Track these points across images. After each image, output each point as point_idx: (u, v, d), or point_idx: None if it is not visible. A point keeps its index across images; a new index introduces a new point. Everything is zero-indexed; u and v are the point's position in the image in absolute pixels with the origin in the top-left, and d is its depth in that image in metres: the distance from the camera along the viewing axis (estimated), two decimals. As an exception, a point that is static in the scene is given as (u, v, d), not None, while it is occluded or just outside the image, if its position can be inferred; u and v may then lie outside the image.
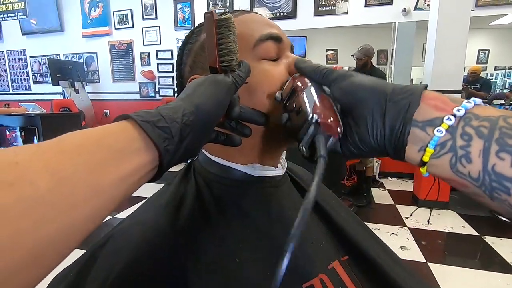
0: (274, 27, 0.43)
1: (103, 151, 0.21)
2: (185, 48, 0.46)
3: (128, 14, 4.45)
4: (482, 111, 0.24)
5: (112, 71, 4.73)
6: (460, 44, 2.62)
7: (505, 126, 0.22)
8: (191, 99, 0.29)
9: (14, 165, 0.17)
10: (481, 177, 0.22)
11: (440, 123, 0.24)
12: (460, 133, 0.23)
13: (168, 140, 0.25)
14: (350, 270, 0.42)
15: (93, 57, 4.80)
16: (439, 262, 1.92)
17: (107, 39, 4.65)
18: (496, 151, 0.22)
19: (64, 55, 4.95)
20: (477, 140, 0.23)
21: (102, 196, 0.21)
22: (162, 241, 0.34)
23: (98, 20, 4.60)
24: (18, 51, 5.23)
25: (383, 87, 0.28)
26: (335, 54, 5.55)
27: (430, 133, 0.24)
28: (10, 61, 5.35)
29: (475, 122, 0.23)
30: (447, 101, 0.25)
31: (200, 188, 0.41)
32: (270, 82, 0.40)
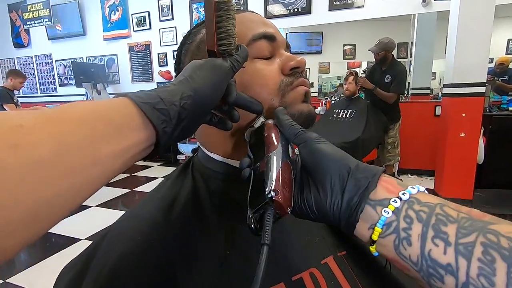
0: (268, 26, 0.44)
1: (103, 125, 0.23)
2: (183, 48, 0.47)
3: (145, 16, 4.57)
4: (424, 197, 0.25)
5: (132, 72, 4.88)
6: (484, 34, 2.49)
7: (441, 213, 0.24)
8: (190, 83, 0.30)
9: (19, 127, 0.18)
10: (419, 261, 0.23)
11: (388, 204, 0.26)
12: (403, 215, 0.25)
13: (166, 122, 0.27)
14: (346, 266, 0.42)
15: (114, 59, 4.97)
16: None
17: (126, 41, 4.79)
18: (432, 237, 0.23)
19: (87, 58, 5.16)
20: (416, 223, 0.24)
21: (99, 167, 0.22)
22: (154, 233, 0.36)
23: (118, 23, 4.75)
24: (45, 55, 5.51)
25: (347, 162, 0.29)
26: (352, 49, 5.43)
27: (379, 212, 0.26)
28: (37, 65, 5.65)
29: (416, 206, 0.25)
30: (395, 185, 0.27)
31: (196, 183, 0.42)
32: (263, 81, 0.40)
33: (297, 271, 0.37)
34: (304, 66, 0.43)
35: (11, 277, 1.90)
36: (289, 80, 0.42)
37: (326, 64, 5.58)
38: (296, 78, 0.42)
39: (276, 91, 0.41)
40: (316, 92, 5.02)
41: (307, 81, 0.44)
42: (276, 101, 0.41)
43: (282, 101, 0.41)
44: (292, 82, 0.42)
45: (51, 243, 2.36)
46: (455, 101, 2.67)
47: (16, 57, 5.79)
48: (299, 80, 0.42)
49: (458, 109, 2.66)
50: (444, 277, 0.22)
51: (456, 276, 0.21)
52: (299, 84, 0.42)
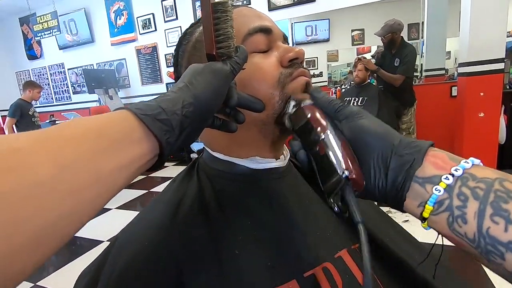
0: (264, 19, 0.43)
1: (104, 140, 0.22)
2: (179, 49, 0.47)
3: (150, 18, 4.60)
4: (480, 172, 0.24)
5: (141, 75, 4.95)
6: (500, 7, 2.36)
7: (500, 190, 0.22)
8: (190, 89, 0.29)
9: (16, 151, 0.18)
10: (476, 238, 0.23)
11: (439, 181, 0.25)
12: (456, 193, 0.24)
13: (169, 133, 0.26)
14: (360, 258, 0.41)
15: (123, 64, 5.05)
16: None
17: (134, 45, 4.85)
18: (491, 214, 0.22)
19: (97, 64, 5.26)
20: (472, 201, 0.23)
21: (102, 183, 0.21)
22: (161, 236, 0.36)
23: (124, 28, 4.81)
24: (57, 65, 5.67)
25: (391, 138, 0.29)
26: (361, 34, 5.28)
27: (428, 191, 0.25)
28: (51, 75, 5.82)
29: (471, 183, 0.24)
30: (446, 160, 0.26)
31: (202, 184, 0.42)
32: (261, 76, 0.40)
33: (309, 267, 0.36)
34: (303, 56, 0.42)
35: (41, 280, 2.00)
36: (288, 72, 0.41)
37: (334, 52, 5.47)
38: (295, 69, 0.41)
39: (275, 84, 0.40)
40: (326, 81, 4.93)
41: (307, 71, 0.43)
42: (276, 94, 0.40)
43: (282, 93, 0.40)
44: (291, 73, 0.41)
45: (76, 246, 2.46)
46: (472, 80, 2.56)
47: (30, 69, 5.98)
48: (298, 71, 0.41)
49: (475, 88, 2.55)
50: (505, 254, 0.21)
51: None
52: (298, 74, 0.41)
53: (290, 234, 0.39)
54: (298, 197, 0.44)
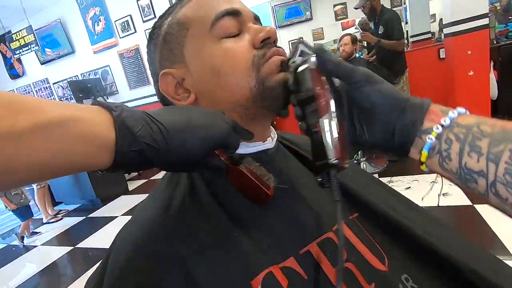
0: (231, 2, 0.42)
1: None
2: (151, 44, 0.46)
3: (128, 20, 4.50)
4: (464, 120, 0.29)
5: (127, 80, 4.88)
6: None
7: (476, 131, 0.28)
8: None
9: None
10: (458, 172, 0.29)
11: (431, 131, 0.30)
12: (444, 139, 0.29)
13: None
14: (360, 227, 0.42)
15: (107, 71, 4.97)
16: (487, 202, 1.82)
17: (116, 50, 4.76)
18: (468, 152, 0.28)
19: (82, 75, 5.18)
20: (455, 143, 0.29)
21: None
22: (157, 232, 0.36)
23: (103, 34, 4.71)
24: (42, 80, 5.57)
25: (399, 101, 0.32)
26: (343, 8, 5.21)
27: (424, 140, 0.30)
28: (37, 92, 5.73)
29: (456, 129, 0.29)
30: (438, 113, 0.31)
31: (192, 176, 0.42)
32: (234, 62, 0.39)
33: (306, 242, 0.37)
34: (275, 35, 0.42)
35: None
36: (261, 53, 0.40)
37: (319, 30, 5.39)
38: (268, 49, 0.41)
39: (250, 68, 0.39)
40: (313, 61, 4.88)
41: (282, 49, 0.42)
42: (252, 77, 0.39)
43: (258, 76, 0.39)
44: (264, 54, 0.40)
45: (89, 257, 2.49)
46: (458, 39, 2.54)
47: (15, 88, 5.88)
48: (271, 50, 0.41)
49: (462, 47, 2.53)
50: (477, 180, 0.27)
51: (486, 178, 0.26)
52: (272, 54, 0.41)
53: (284, 214, 0.39)
54: (289, 177, 0.44)
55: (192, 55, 0.41)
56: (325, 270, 0.35)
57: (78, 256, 2.58)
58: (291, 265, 0.34)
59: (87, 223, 3.25)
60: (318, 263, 0.35)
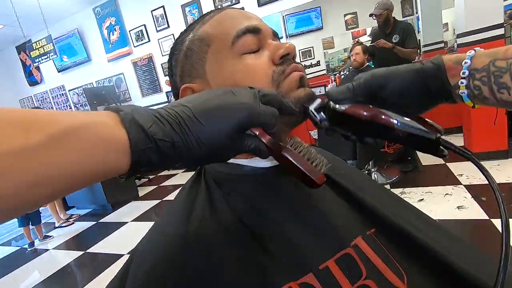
0: (251, 19, 0.43)
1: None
2: (172, 59, 0.47)
3: (142, 29, 4.63)
4: (478, 62, 0.34)
5: (140, 87, 4.99)
6: (493, -29, 2.29)
7: (495, 71, 0.33)
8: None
9: None
10: (499, 103, 0.35)
11: (458, 86, 0.35)
12: (473, 87, 0.35)
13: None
14: (377, 243, 0.41)
15: (121, 78, 5.10)
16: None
17: (129, 58, 4.89)
18: (497, 90, 0.34)
19: (96, 82, 5.33)
20: (483, 87, 0.34)
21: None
22: (176, 246, 0.36)
23: (118, 42, 4.85)
24: (58, 87, 5.76)
25: (420, 75, 0.37)
26: (354, 17, 5.20)
27: (459, 94, 0.36)
28: (53, 98, 5.91)
29: (477, 75, 0.34)
30: (456, 67, 0.36)
31: (210, 189, 0.43)
32: (254, 77, 0.40)
33: (326, 258, 0.36)
34: (294, 51, 0.42)
35: (69, 299, 2.05)
36: (281, 69, 0.41)
37: (329, 39, 5.40)
38: (287, 65, 0.41)
39: (270, 84, 0.40)
40: (324, 70, 4.89)
41: (301, 65, 0.43)
42: None
43: (278, 91, 0.40)
44: (284, 70, 0.41)
45: (98, 262, 2.51)
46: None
47: (33, 95, 6.09)
48: (291, 67, 0.41)
49: (477, 57, 2.49)
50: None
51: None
52: (291, 70, 0.41)
53: (302, 229, 0.39)
54: (306, 190, 0.44)
55: (213, 71, 0.42)
56: (343, 287, 0.34)
57: (88, 261, 2.61)
58: (310, 281, 0.34)
59: (97, 228, 3.29)
60: (337, 280, 0.35)
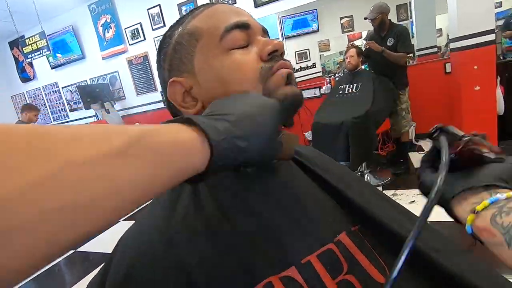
0: (241, 15, 0.43)
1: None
2: (161, 53, 0.47)
3: (138, 28, 4.60)
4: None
5: (135, 86, 4.95)
6: (485, -22, 2.34)
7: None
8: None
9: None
10: (509, 228, 0.32)
11: (501, 193, 0.35)
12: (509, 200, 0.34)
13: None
14: (361, 239, 0.41)
15: (116, 76, 5.05)
16: None
17: (124, 56, 4.85)
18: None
19: (90, 80, 5.27)
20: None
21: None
22: (160, 239, 0.36)
23: (113, 40, 4.81)
24: (51, 84, 5.68)
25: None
26: (350, 20, 5.25)
27: (487, 196, 0.36)
28: (46, 95, 5.83)
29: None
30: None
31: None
32: (241, 72, 0.40)
33: (309, 253, 0.37)
34: (282, 48, 0.42)
35: (58, 298, 2.02)
36: (268, 66, 0.41)
37: (325, 42, 5.43)
38: (275, 62, 0.41)
39: (256, 80, 0.40)
40: (320, 72, 4.92)
41: (289, 62, 0.43)
42: (259, 90, 0.40)
43: (265, 87, 0.40)
44: (271, 66, 0.41)
45: (89, 261, 2.48)
46: (464, 54, 2.55)
47: (25, 91, 6.00)
48: (278, 63, 0.41)
49: (469, 62, 2.53)
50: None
51: None
52: (279, 67, 0.41)
53: (286, 223, 0.39)
54: (294, 185, 0.44)
55: (201, 65, 0.42)
56: (324, 281, 0.35)
57: (78, 260, 2.58)
58: (292, 275, 0.34)
59: (88, 227, 3.25)
60: (319, 275, 0.35)
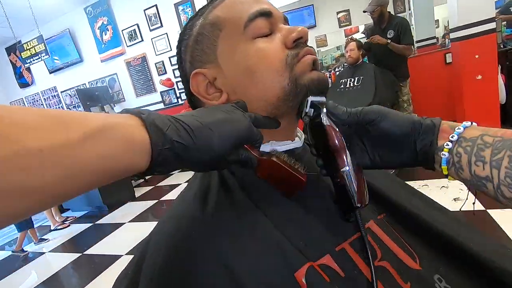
0: (262, 3, 0.42)
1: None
2: (181, 45, 0.46)
3: (135, 29, 4.59)
4: (469, 133, 0.33)
5: (134, 88, 4.94)
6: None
7: (480, 143, 0.32)
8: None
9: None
10: (470, 179, 0.33)
11: (443, 148, 0.34)
12: (455, 153, 0.33)
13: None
14: (388, 227, 0.41)
15: (114, 78, 5.04)
16: (500, 207, 1.79)
17: (123, 58, 4.84)
18: (475, 161, 0.32)
19: (89, 83, 5.26)
20: (464, 156, 0.33)
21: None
22: (194, 229, 0.36)
23: (111, 42, 4.80)
24: (50, 89, 5.67)
25: (414, 126, 0.36)
26: (347, 15, 5.24)
27: (441, 156, 0.34)
28: (45, 100, 5.82)
29: (463, 143, 0.33)
30: (448, 130, 0.34)
31: (223, 175, 0.42)
32: (268, 60, 0.40)
33: (340, 241, 0.37)
34: (307, 35, 0.42)
35: (67, 302, 2.02)
36: (294, 53, 0.41)
37: (322, 37, 5.43)
38: (301, 48, 0.41)
39: (283, 68, 0.40)
40: (318, 67, 4.90)
41: (312, 49, 0.43)
42: (286, 77, 0.40)
43: (291, 75, 0.40)
44: (297, 53, 0.41)
45: (95, 264, 2.48)
46: (465, 44, 2.54)
47: (24, 97, 5.99)
48: (304, 50, 0.41)
49: (470, 51, 2.53)
50: (486, 184, 0.31)
51: (492, 182, 0.31)
52: (304, 53, 0.41)
53: (315, 211, 0.39)
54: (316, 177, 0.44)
55: (225, 55, 0.42)
56: (360, 267, 0.34)
57: (85, 263, 2.58)
58: (327, 262, 0.34)
59: (94, 230, 3.25)
60: (354, 261, 0.35)
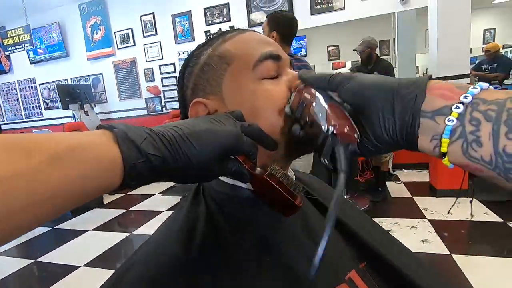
0: (272, 45, 0.43)
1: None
2: (185, 71, 0.46)
3: (129, 33, 4.55)
4: (489, 95, 0.24)
5: (119, 90, 4.83)
6: (463, 26, 2.56)
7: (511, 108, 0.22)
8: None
9: None
10: (493, 160, 0.23)
11: (450, 112, 0.24)
12: (468, 119, 0.24)
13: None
14: (368, 277, 0.42)
15: (99, 78, 4.92)
16: (464, 253, 1.86)
17: (111, 59, 4.76)
18: (506, 132, 0.22)
19: (72, 79, 5.09)
20: (485, 124, 0.23)
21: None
22: (177, 269, 0.34)
23: (101, 42, 4.72)
24: (28, 80, 5.42)
25: (389, 83, 0.28)
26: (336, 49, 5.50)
27: (440, 122, 0.25)
28: (21, 90, 5.54)
29: (482, 107, 0.23)
30: (454, 89, 0.25)
31: (211, 210, 0.41)
32: (273, 102, 0.40)
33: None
34: None
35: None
36: None
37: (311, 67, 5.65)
38: None
39: None
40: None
41: None
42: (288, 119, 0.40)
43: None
44: None
45: (48, 272, 2.29)
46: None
47: (-2, 84, 5.67)
48: None
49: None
50: None
51: None
52: None
53: (301, 259, 0.39)
54: (305, 220, 0.44)
55: (230, 90, 0.42)
56: None
57: (35, 271, 2.37)
58: None
59: (52, 235, 3.03)
60: None
